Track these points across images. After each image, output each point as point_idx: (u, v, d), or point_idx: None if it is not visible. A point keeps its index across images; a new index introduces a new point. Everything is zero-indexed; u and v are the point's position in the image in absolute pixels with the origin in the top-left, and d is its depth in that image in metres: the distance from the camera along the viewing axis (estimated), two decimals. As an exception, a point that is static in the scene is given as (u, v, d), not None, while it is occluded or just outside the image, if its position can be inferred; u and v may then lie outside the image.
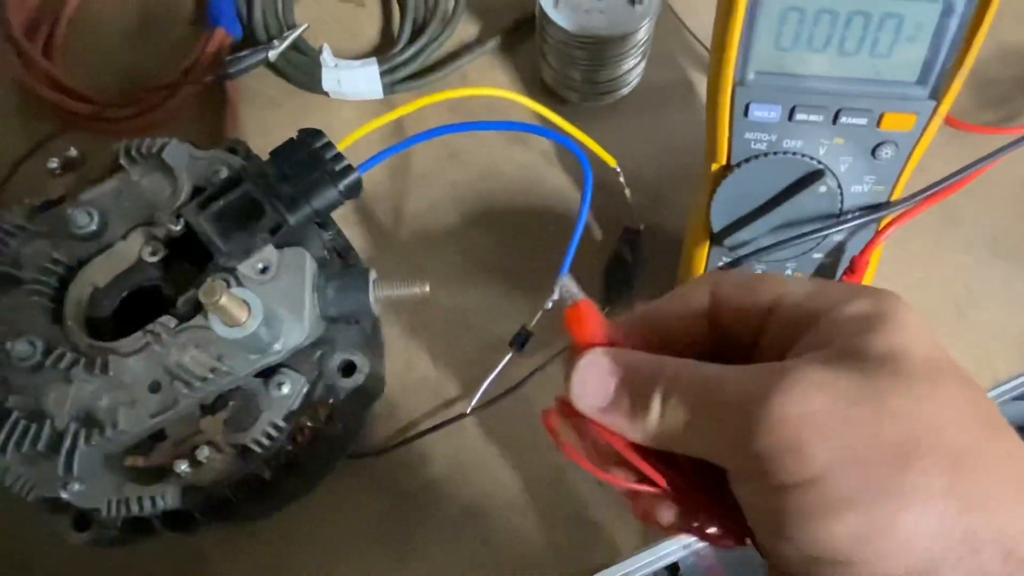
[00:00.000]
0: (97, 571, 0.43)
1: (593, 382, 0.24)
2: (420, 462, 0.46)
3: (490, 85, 0.51)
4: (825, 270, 0.41)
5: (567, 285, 0.26)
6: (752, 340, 0.24)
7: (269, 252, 0.35)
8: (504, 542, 0.45)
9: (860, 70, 0.35)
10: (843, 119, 0.36)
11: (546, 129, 0.42)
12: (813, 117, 0.36)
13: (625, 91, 0.53)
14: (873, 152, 0.37)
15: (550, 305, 0.27)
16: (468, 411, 0.42)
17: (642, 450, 0.24)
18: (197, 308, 0.35)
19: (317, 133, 0.37)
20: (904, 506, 0.19)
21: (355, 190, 0.37)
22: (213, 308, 0.29)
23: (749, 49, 0.35)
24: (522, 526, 0.45)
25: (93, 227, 0.35)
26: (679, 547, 0.45)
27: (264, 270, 0.35)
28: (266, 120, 0.54)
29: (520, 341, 0.37)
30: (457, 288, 0.49)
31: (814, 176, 0.37)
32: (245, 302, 0.31)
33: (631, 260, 0.48)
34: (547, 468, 0.46)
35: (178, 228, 0.36)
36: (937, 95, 0.35)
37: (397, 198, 0.52)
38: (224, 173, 0.37)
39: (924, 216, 0.50)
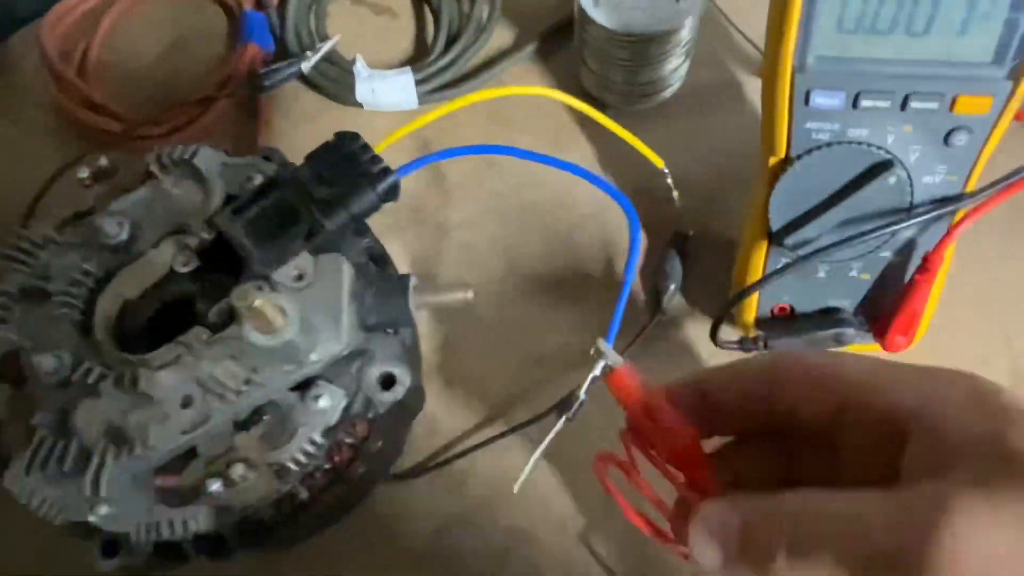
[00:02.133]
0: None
1: (714, 541, 0.21)
2: (463, 482, 0.44)
3: (528, 92, 0.49)
4: (894, 269, 0.38)
5: (603, 349, 0.26)
6: (823, 433, 0.22)
7: (304, 259, 0.33)
8: (551, 567, 0.42)
9: (930, 51, 0.33)
10: (913, 104, 0.34)
11: (588, 173, 0.41)
12: (880, 103, 0.34)
13: (667, 93, 0.51)
14: (945, 139, 0.35)
15: (599, 372, 0.27)
16: (515, 490, 0.39)
17: None
18: (230, 319, 0.33)
19: (354, 136, 0.36)
20: None
21: (393, 193, 0.35)
22: (248, 312, 0.28)
23: (809, 32, 0.33)
24: (571, 552, 0.42)
25: (123, 237, 0.34)
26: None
27: (300, 277, 0.33)
28: (300, 134, 0.52)
29: (568, 407, 0.35)
30: (498, 301, 0.47)
31: (882, 167, 0.35)
32: (280, 307, 0.29)
33: (681, 266, 0.45)
34: (596, 491, 0.43)
35: (210, 236, 0.34)
36: (1015, 75, 0.33)
37: (435, 209, 0.50)
38: (258, 180, 0.36)
39: (993, 216, 0.47)
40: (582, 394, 0.34)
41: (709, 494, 0.24)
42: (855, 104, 0.34)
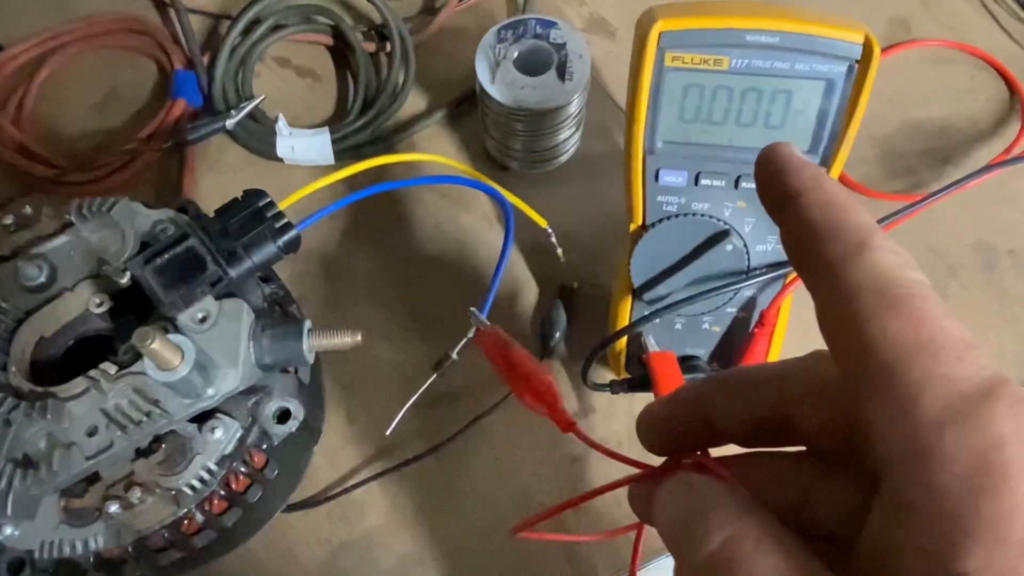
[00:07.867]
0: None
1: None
2: (359, 512, 0.47)
3: (438, 154, 0.54)
4: (739, 323, 0.44)
5: (475, 315, 0.31)
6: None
7: (208, 303, 0.37)
8: (440, 592, 0.46)
9: (757, 140, 0.39)
10: (743, 184, 0.39)
11: (473, 180, 0.46)
12: (716, 182, 0.40)
13: (562, 159, 0.56)
14: (773, 214, 0.40)
15: (471, 334, 0.31)
16: (388, 432, 0.44)
17: None
18: (138, 355, 0.36)
19: (260, 193, 0.40)
20: None
21: (293, 245, 0.39)
22: (146, 352, 0.31)
23: (656, 121, 0.39)
24: (458, 576, 0.46)
25: (42, 279, 0.37)
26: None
27: (203, 320, 0.37)
28: (223, 185, 0.56)
29: (440, 365, 0.41)
30: (402, 343, 0.51)
31: (721, 236, 0.41)
32: (179, 347, 0.33)
33: (566, 315, 0.50)
34: (484, 520, 0.47)
35: (124, 281, 0.38)
36: (827, 162, 0.39)
37: (348, 257, 0.54)
38: (171, 230, 0.40)
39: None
40: (454, 354, 0.39)
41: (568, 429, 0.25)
42: (696, 182, 0.40)
